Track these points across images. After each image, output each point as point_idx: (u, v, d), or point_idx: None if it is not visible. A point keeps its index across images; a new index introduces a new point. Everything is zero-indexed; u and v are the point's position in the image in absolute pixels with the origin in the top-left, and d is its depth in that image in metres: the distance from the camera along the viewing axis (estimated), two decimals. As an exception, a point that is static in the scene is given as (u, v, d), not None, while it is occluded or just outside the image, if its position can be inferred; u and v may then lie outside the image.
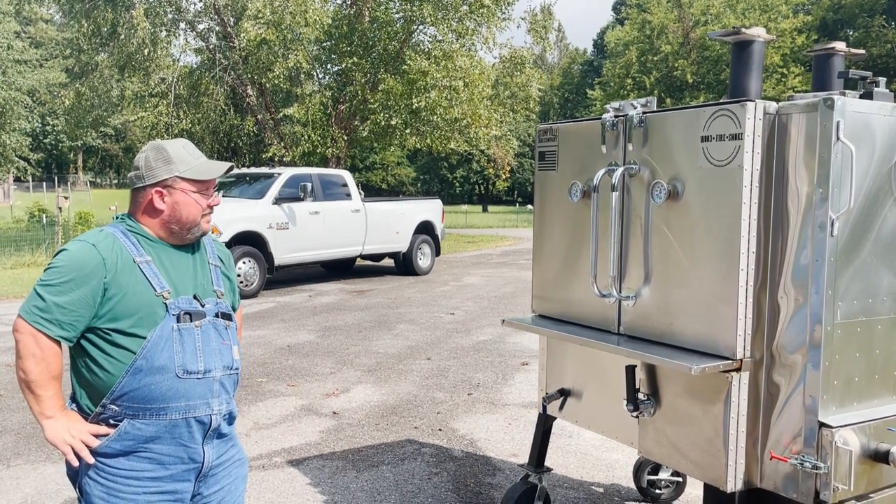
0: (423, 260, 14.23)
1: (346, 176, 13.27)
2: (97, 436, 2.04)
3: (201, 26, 19.42)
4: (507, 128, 22.57)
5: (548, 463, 3.73)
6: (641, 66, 36.07)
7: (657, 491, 3.99)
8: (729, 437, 2.69)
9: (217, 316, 2.19)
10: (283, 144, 19.00)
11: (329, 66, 19.96)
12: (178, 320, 2.09)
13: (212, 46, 19.42)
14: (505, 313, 9.64)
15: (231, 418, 2.26)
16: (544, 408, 3.60)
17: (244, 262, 10.91)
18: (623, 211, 3.05)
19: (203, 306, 2.16)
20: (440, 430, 5.20)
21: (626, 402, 3.02)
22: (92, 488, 2.07)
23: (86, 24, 17.96)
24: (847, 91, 2.69)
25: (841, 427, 2.50)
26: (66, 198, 18.55)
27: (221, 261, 2.36)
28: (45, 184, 44.74)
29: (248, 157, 23.79)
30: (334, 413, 5.58)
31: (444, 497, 4.08)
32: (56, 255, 2.08)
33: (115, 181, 61.03)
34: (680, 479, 4.01)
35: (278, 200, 11.60)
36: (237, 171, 13.16)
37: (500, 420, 5.42)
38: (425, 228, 14.26)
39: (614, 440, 3.33)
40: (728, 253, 2.64)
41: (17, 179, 41.84)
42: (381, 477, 4.35)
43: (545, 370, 3.63)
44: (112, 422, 2.06)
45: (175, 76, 19.02)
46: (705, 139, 2.69)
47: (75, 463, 2.04)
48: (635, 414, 3.02)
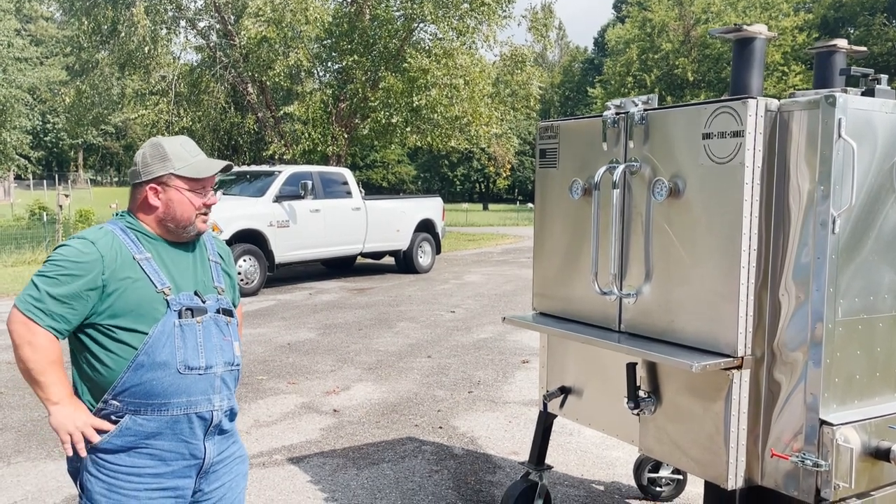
0: (424, 258, 14.22)
1: (347, 174, 13.26)
2: (98, 431, 2.04)
3: (202, 24, 19.42)
4: (508, 126, 22.56)
5: (548, 461, 3.73)
6: (642, 64, 36.07)
7: (658, 489, 3.99)
8: (730, 434, 2.69)
9: (218, 312, 2.20)
10: (283, 142, 18.98)
11: (329, 63, 19.97)
12: (180, 316, 2.09)
13: (212, 44, 19.41)
14: (505, 311, 9.64)
15: (232, 415, 2.26)
16: (545, 405, 3.60)
17: (245, 260, 10.90)
18: (624, 208, 3.05)
19: (204, 302, 2.16)
20: (441, 427, 5.20)
21: (626, 400, 3.03)
22: (93, 485, 2.07)
23: (86, 22, 17.97)
24: (849, 88, 2.68)
25: (842, 425, 2.50)
26: (67, 196, 18.55)
27: (221, 257, 2.36)
28: (45, 182, 44.66)
29: (249, 154, 23.81)
30: (335, 411, 5.59)
31: (444, 495, 4.08)
32: (56, 249, 2.08)
33: (116, 179, 60.93)
34: (680, 477, 4.01)
35: (279, 198, 11.60)
36: (238, 169, 13.16)
37: (500, 418, 5.42)
38: (426, 226, 14.26)
39: (615, 438, 3.33)
40: (729, 250, 2.63)
41: (17, 177, 41.84)
42: (382, 474, 4.35)
43: (546, 368, 3.63)
44: (113, 418, 2.06)
45: (175, 74, 19.00)
46: (707, 136, 2.69)
47: (69, 452, 2.04)
48: (636, 411, 3.02)
